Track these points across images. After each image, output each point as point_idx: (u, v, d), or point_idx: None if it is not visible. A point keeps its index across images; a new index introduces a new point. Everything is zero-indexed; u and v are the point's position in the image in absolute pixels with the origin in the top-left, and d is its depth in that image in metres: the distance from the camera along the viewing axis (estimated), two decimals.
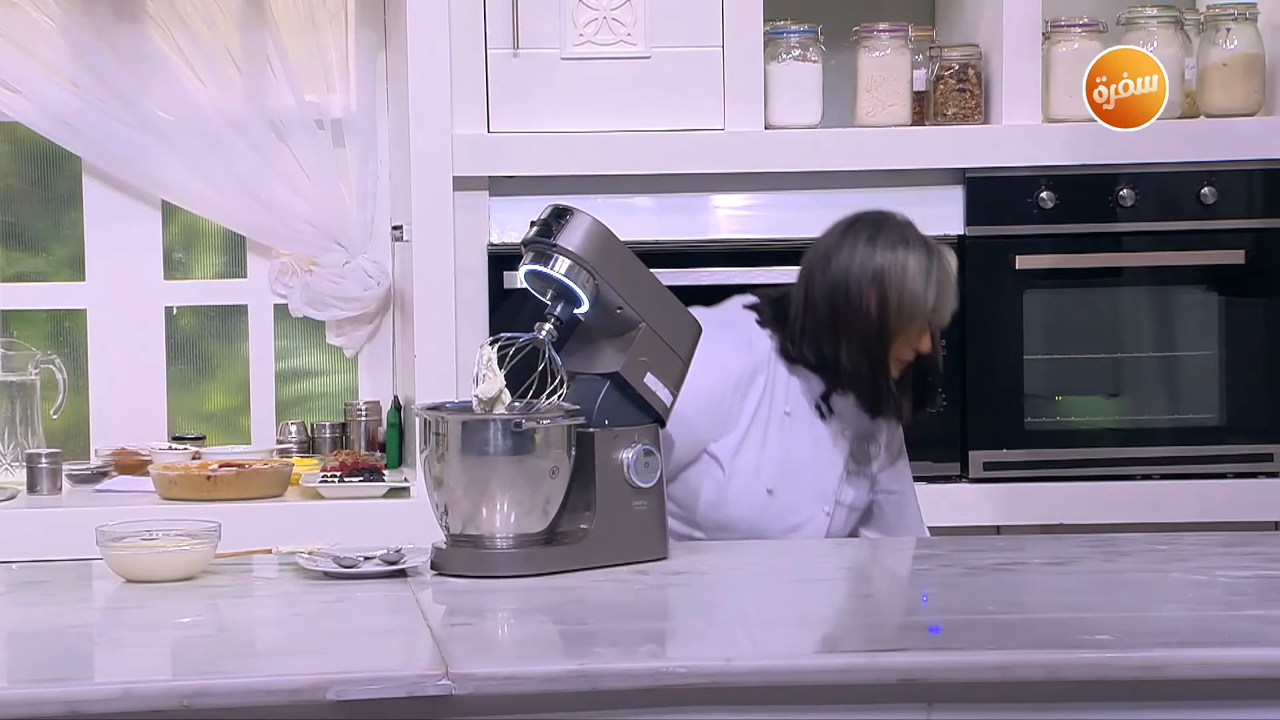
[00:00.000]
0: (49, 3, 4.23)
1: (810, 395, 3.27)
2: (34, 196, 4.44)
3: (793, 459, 3.24)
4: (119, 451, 4.28)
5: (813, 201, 4.08)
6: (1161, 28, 4.15)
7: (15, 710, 2.22)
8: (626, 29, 4.02)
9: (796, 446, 3.25)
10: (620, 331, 3.04)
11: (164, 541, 2.91)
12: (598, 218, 3.03)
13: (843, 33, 4.16)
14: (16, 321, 4.42)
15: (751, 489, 3.23)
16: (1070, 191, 4.11)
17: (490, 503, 2.91)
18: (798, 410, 3.26)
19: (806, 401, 3.27)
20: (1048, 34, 4.14)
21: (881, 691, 2.36)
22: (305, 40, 4.30)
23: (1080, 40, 4.13)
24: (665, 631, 2.67)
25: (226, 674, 2.39)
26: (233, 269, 4.51)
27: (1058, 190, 4.10)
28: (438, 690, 2.28)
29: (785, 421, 3.25)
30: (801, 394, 3.27)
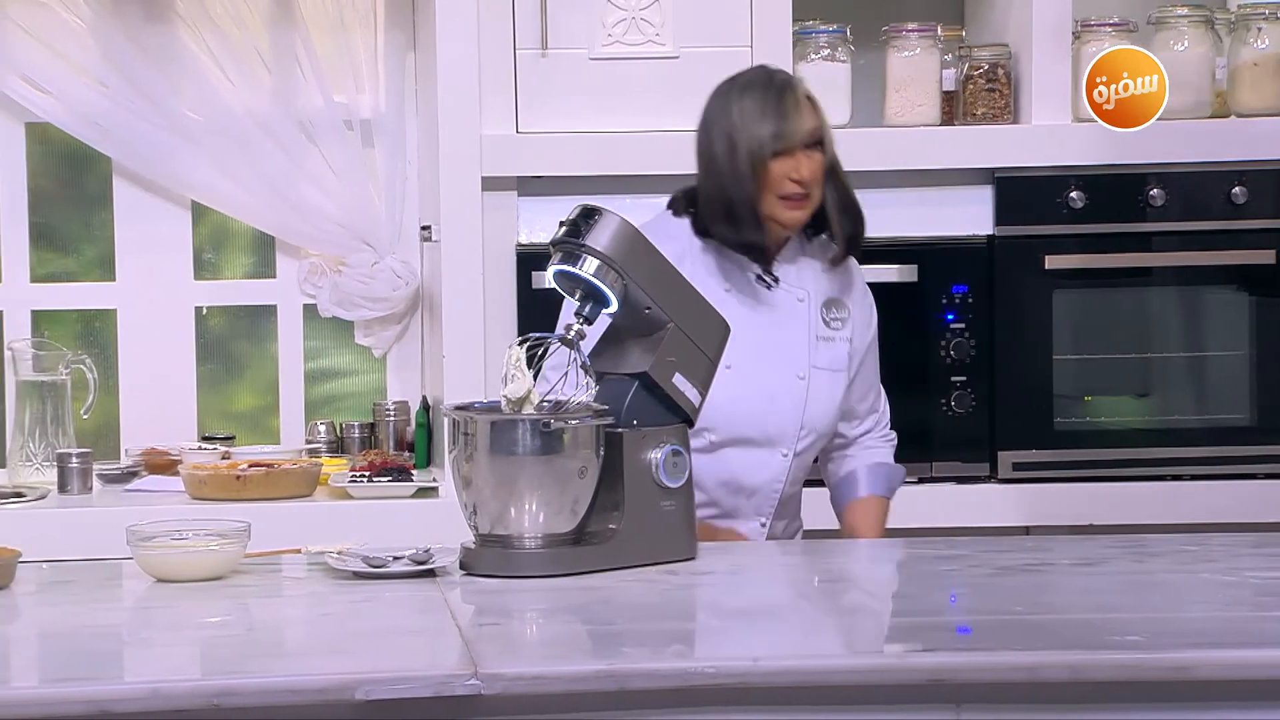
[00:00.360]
0: (79, 4, 4.25)
1: (747, 268, 3.26)
2: (65, 197, 4.46)
3: (747, 333, 3.21)
4: (149, 451, 4.29)
5: None
6: (1192, 27, 4.13)
7: (44, 709, 2.23)
8: (655, 29, 4.02)
9: (749, 320, 3.23)
10: (648, 331, 3.04)
11: (194, 541, 2.92)
12: (626, 218, 3.03)
13: (871, 33, 4.15)
14: (47, 322, 4.44)
15: None
16: (1100, 191, 4.10)
17: (519, 503, 2.91)
18: (739, 285, 3.25)
19: (747, 276, 3.26)
20: (1078, 33, 4.13)
21: (910, 692, 2.36)
22: (334, 40, 4.31)
23: (1110, 40, 4.11)
24: (693, 631, 2.67)
25: (255, 674, 2.39)
26: (262, 269, 4.52)
27: (1087, 190, 4.09)
28: (466, 690, 2.28)
29: (728, 298, 3.23)
30: (738, 270, 3.26)
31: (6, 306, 4.39)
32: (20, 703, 2.24)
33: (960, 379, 4.07)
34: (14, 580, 2.85)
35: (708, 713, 2.36)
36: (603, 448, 2.95)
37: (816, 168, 3.20)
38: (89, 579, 3.01)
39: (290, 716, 2.27)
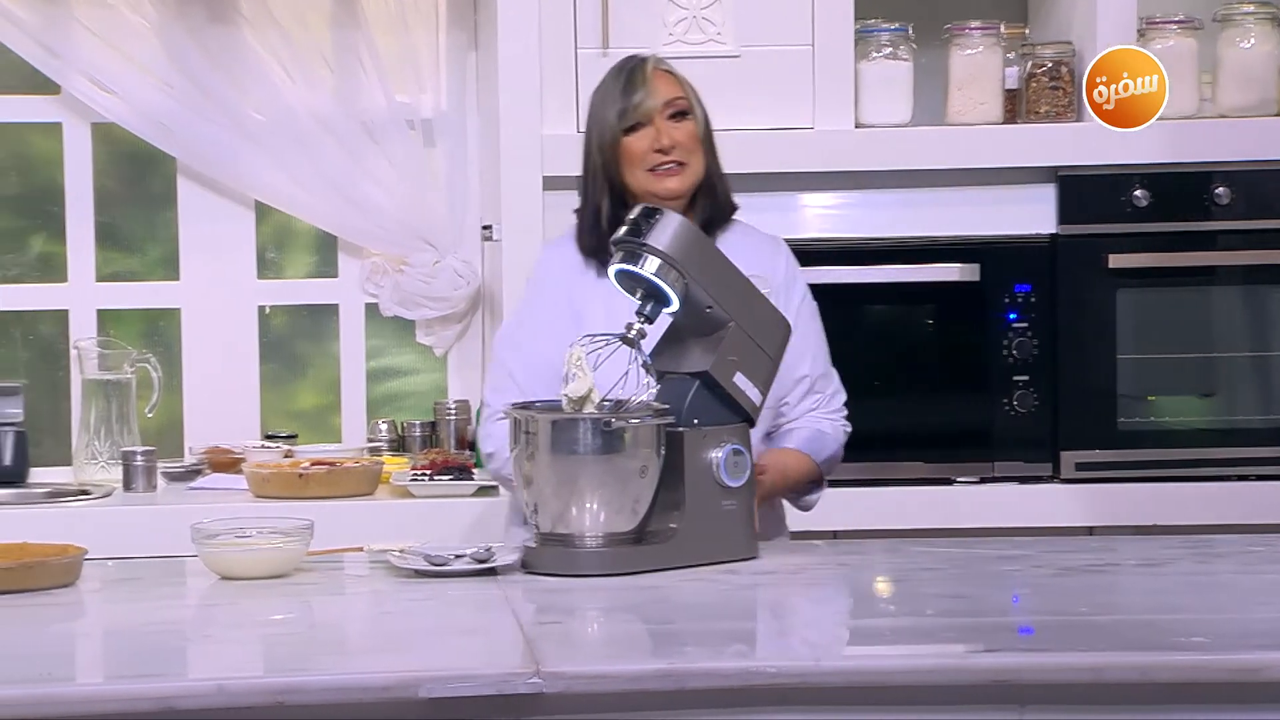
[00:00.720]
0: (144, 5, 4.28)
1: None
2: (129, 197, 4.49)
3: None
4: (212, 449, 4.32)
5: (903, 200, 4.06)
6: (1259, 24, 4.10)
7: (111, 706, 2.24)
8: (716, 28, 4.01)
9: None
10: (709, 331, 3.03)
11: (257, 539, 2.93)
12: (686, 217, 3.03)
13: (934, 31, 4.14)
14: (112, 321, 4.47)
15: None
16: (1164, 189, 4.07)
17: (580, 502, 2.91)
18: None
19: None
20: (1142, 30, 4.10)
21: (974, 692, 2.35)
22: (396, 40, 4.32)
23: (1176, 37, 4.09)
24: (754, 631, 2.66)
25: (318, 671, 2.40)
26: (324, 269, 4.54)
27: (1152, 188, 4.06)
28: (528, 688, 2.28)
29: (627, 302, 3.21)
30: None
31: (72, 306, 4.43)
32: (87, 699, 2.26)
33: (1023, 378, 4.05)
34: (80, 577, 2.88)
35: (769, 713, 2.35)
36: (663, 447, 2.95)
37: (683, 135, 3.21)
38: (153, 576, 3.03)
39: (354, 714, 2.28)
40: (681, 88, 3.25)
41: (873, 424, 4.05)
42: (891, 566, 3.08)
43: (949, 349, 4.10)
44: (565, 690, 2.29)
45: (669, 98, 3.22)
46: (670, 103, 3.22)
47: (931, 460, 4.05)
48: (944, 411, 4.07)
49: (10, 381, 4.30)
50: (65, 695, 2.26)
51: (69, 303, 4.43)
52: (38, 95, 4.37)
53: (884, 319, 4.14)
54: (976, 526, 3.90)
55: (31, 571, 2.80)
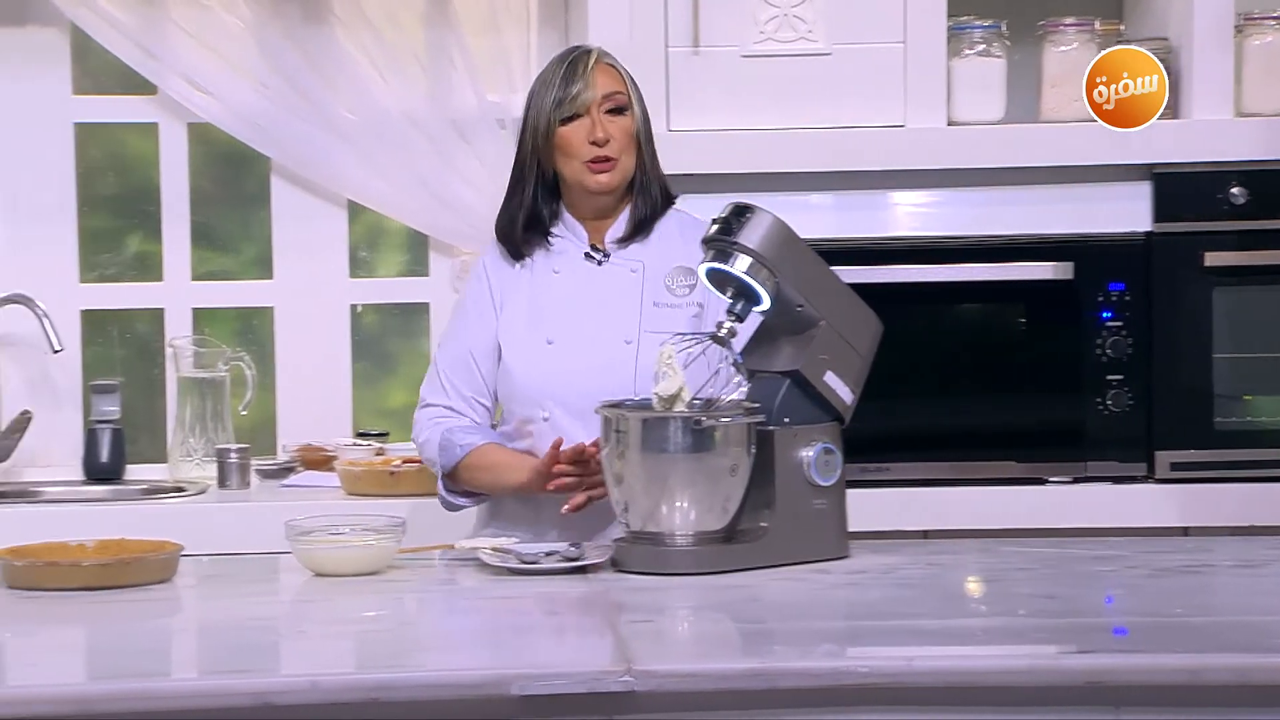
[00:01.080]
0: (239, 5, 4.31)
1: (575, 247, 3.27)
2: (224, 196, 4.53)
3: (572, 308, 3.23)
4: (305, 447, 4.35)
5: (995, 198, 4.03)
6: None
7: (206, 701, 2.27)
8: (808, 25, 4.00)
9: (576, 297, 3.24)
10: (800, 329, 3.03)
11: (350, 536, 2.96)
12: (778, 216, 3.02)
13: (1027, 27, 4.10)
14: (207, 319, 4.51)
15: (529, 345, 3.23)
16: (1262, 187, 4.01)
17: (670, 500, 2.92)
18: (568, 265, 3.26)
19: (576, 255, 3.27)
20: (1240, 26, 4.05)
21: (1068, 694, 2.33)
22: (487, 40, 4.34)
23: (1274, 33, 4.03)
24: (845, 631, 2.65)
25: (411, 668, 2.42)
26: (415, 267, 4.56)
27: (1249, 185, 4.01)
28: (619, 686, 2.29)
29: (556, 280, 3.26)
30: (569, 251, 3.27)
31: (168, 304, 4.47)
32: (184, 694, 2.28)
33: (1117, 378, 4.02)
34: (176, 574, 2.91)
35: (861, 712, 2.35)
36: (754, 446, 2.94)
37: (617, 130, 3.22)
38: (248, 572, 3.06)
39: (446, 711, 2.29)
40: (622, 83, 3.26)
41: (964, 423, 4.05)
42: (984, 566, 3.07)
43: (1041, 348, 4.07)
44: (656, 689, 2.29)
45: (608, 91, 3.23)
46: (609, 96, 3.23)
47: (1024, 460, 4.02)
48: (1036, 411, 4.04)
49: (107, 379, 4.35)
50: (162, 690, 2.29)
51: (165, 301, 4.48)
52: (135, 96, 4.41)
53: (976, 318, 4.11)
54: (1069, 527, 3.86)
55: (129, 568, 2.84)
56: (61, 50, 4.38)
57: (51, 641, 2.61)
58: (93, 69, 4.42)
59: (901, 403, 3.92)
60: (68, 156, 4.41)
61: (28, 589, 2.81)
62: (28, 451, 4.34)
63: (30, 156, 4.39)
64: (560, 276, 3.27)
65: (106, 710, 2.25)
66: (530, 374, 3.21)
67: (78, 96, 4.41)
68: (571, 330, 3.23)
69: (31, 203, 4.39)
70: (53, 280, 4.40)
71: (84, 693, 2.28)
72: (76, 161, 4.43)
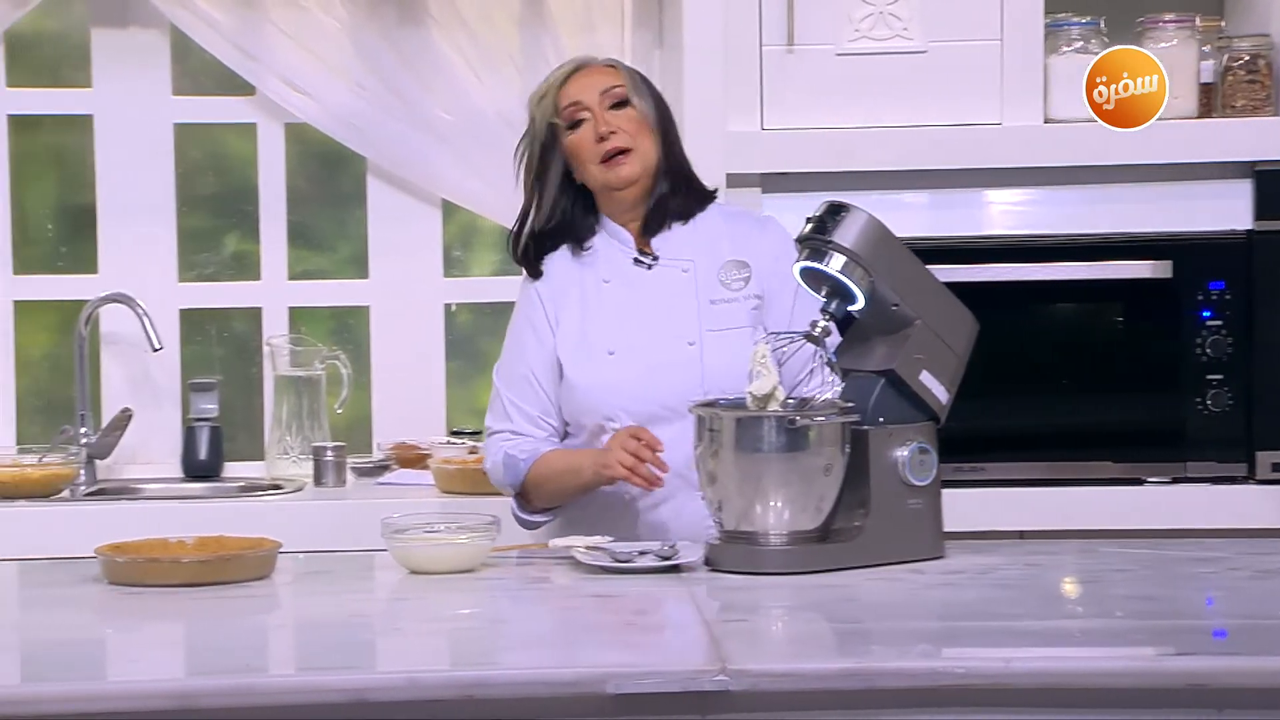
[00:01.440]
0: (336, 6, 4.34)
1: (622, 255, 3.24)
2: (320, 196, 4.56)
3: (628, 316, 3.20)
4: (399, 445, 4.37)
5: (1093, 197, 4.00)
6: None
7: (304, 696, 2.28)
8: (903, 23, 3.98)
9: (631, 304, 3.21)
10: (895, 328, 3.01)
11: (445, 534, 2.97)
12: (873, 214, 3.01)
13: (1126, 24, 4.06)
14: (303, 318, 4.55)
15: (590, 358, 3.19)
16: None
17: (764, 499, 2.91)
18: (617, 273, 3.24)
19: (624, 262, 3.24)
20: None
21: (1165, 696, 2.31)
22: (582, 40, 4.34)
23: None
24: (941, 631, 2.64)
25: (506, 666, 2.43)
26: (509, 267, 4.55)
27: None
28: (714, 686, 2.28)
29: (606, 289, 3.23)
30: (614, 259, 3.25)
31: (265, 303, 4.51)
32: (282, 690, 2.30)
33: (1216, 377, 3.97)
34: (274, 570, 2.93)
35: (957, 713, 2.33)
36: (848, 445, 2.93)
37: (625, 121, 3.20)
38: (344, 570, 3.08)
39: (541, 709, 2.30)
40: (619, 77, 3.24)
41: (1061, 423, 4.01)
42: (1081, 567, 3.04)
43: (1139, 347, 4.03)
44: (751, 688, 2.29)
45: (604, 87, 3.22)
46: (606, 92, 3.21)
47: (1121, 460, 3.98)
48: (1134, 411, 4.00)
49: (206, 378, 4.39)
50: (260, 686, 2.31)
51: (262, 300, 4.51)
52: (233, 96, 4.45)
53: (1073, 317, 4.08)
54: (1168, 528, 3.83)
55: (229, 565, 2.86)
56: (162, 51, 4.43)
57: (152, 637, 2.64)
58: (192, 70, 4.46)
59: (998, 402, 3.89)
60: (167, 157, 4.46)
61: (129, 585, 2.84)
62: (128, 449, 4.39)
63: (131, 157, 4.44)
64: (611, 285, 3.25)
65: (205, 705, 2.27)
66: (594, 387, 3.19)
67: (177, 97, 4.46)
68: (631, 338, 3.21)
69: (132, 203, 4.44)
70: (153, 279, 4.44)
71: (183, 688, 2.30)
72: (176, 162, 4.47)
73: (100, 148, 4.44)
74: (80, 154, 4.46)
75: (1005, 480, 3.91)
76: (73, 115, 4.46)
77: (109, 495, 4.24)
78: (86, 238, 4.46)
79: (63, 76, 4.47)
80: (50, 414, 4.46)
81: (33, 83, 4.46)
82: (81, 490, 4.21)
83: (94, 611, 2.77)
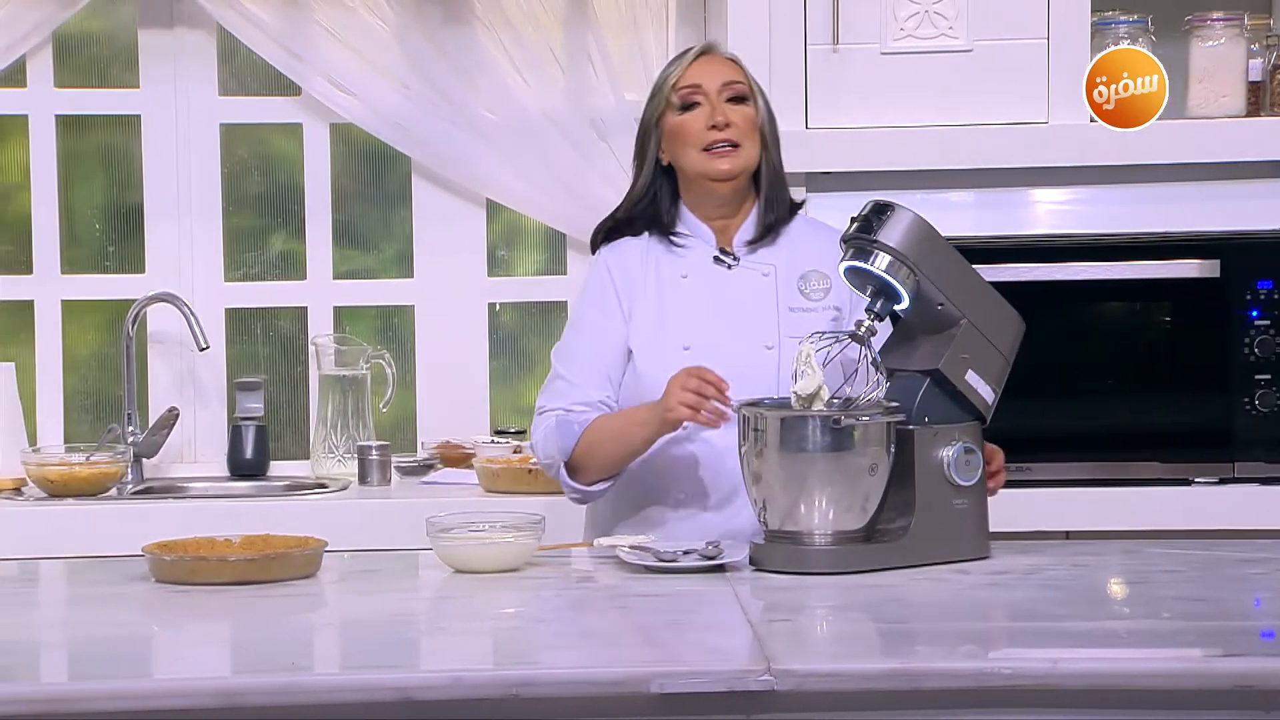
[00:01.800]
0: (382, 6, 4.35)
1: (706, 252, 3.23)
2: (366, 195, 4.57)
3: (707, 313, 3.18)
4: (444, 445, 4.38)
5: (1140, 196, 3.98)
6: None
7: (349, 695, 2.29)
8: (949, 22, 3.97)
9: (709, 301, 3.19)
10: (940, 328, 3.00)
11: (490, 533, 2.97)
12: (919, 214, 3.00)
13: (1173, 22, 4.05)
14: (349, 317, 4.56)
15: (664, 351, 3.16)
16: None
17: (808, 499, 2.91)
18: (696, 269, 3.22)
19: (705, 260, 3.22)
20: None
21: (1215, 698, 2.30)
22: (626, 39, 4.35)
23: None
24: (987, 632, 2.63)
25: (550, 665, 2.43)
26: (553, 266, 4.58)
27: None
28: (759, 685, 2.28)
29: (684, 284, 3.21)
30: (695, 255, 3.23)
31: (311, 302, 4.52)
32: (328, 688, 2.30)
33: (1265, 377, 3.95)
34: (320, 569, 2.94)
35: (1004, 713, 2.32)
36: (893, 445, 2.92)
37: (739, 118, 3.18)
38: (390, 568, 3.09)
39: (586, 708, 2.30)
40: (742, 74, 3.24)
41: (1108, 423, 4.00)
42: (1128, 568, 3.03)
43: (1187, 347, 4.01)
44: (796, 688, 2.28)
45: (728, 79, 3.21)
46: (729, 84, 3.20)
47: (1169, 460, 3.96)
48: (1181, 411, 3.99)
49: (252, 377, 4.41)
50: (306, 685, 2.31)
51: (308, 300, 4.53)
52: (279, 97, 4.47)
53: (1120, 316, 4.06)
54: (1216, 528, 3.81)
55: (275, 563, 2.87)
56: (208, 52, 4.44)
57: (198, 635, 2.65)
58: (239, 70, 4.48)
59: (1044, 402, 3.88)
60: (214, 157, 4.48)
61: (175, 583, 2.86)
62: (174, 447, 4.41)
63: (178, 157, 4.46)
64: (689, 281, 3.23)
65: (251, 704, 2.27)
66: (666, 380, 3.15)
67: (224, 98, 4.48)
68: (707, 336, 3.19)
69: (179, 203, 4.46)
70: (199, 279, 4.47)
71: (229, 686, 2.31)
72: (222, 161, 4.49)
73: (147, 148, 4.46)
74: (127, 154, 4.49)
75: (1051, 480, 3.90)
76: (120, 115, 4.48)
77: (156, 494, 4.26)
78: (134, 237, 4.49)
79: (110, 77, 4.49)
80: (98, 413, 4.49)
81: (81, 83, 4.48)
82: (128, 489, 4.23)
83: (140, 610, 2.78)
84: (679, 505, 3.17)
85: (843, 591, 2.79)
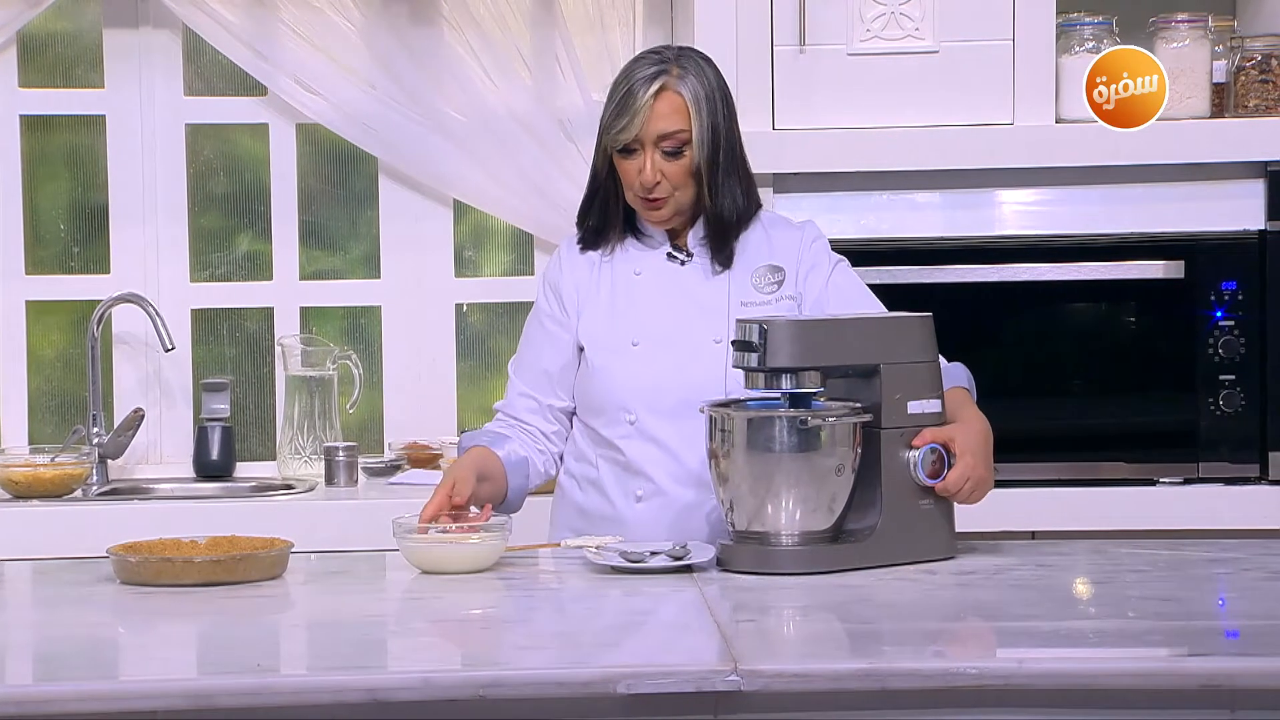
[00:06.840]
0: (349, 7, 4.34)
1: (658, 250, 3.24)
2: (332, 196, 4.56)
3: (657, 310, 3.19)
4: (411, 445, 4.38)
5: (1105, 196, 4.00)
6: None
7: (317, 697, 2.28)
8: (915, 23, 3.98)
9: (660, 298, 3.20)
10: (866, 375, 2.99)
11: (457, 534, 2.97)
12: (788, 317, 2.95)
13: (1138, 24, 4.06)
14: (315, 318, 4.55)
15: (613, 347, 3.19)
16: None
17: (776, 500, 2.91)
18: (650, 267, 3.23)
19: (658, 256, 3.23)
20: None
21: (1181, 697, 2.31)
22: (594, 40, 4.35)
23: None
24: (954, 632, 2.64)
25: (518, 666, 2.43)
26: (521, 267, 4.57)
27: None
28: (727, 686, 2.28)
29: (638, 281, 3.22)
30: (649, 253, 3.24)
31: (277, 303, 4.51)
32: (295, 690, 2.30)
33: (1229, 378, 3.97)
34: (286, 570, 2.93)
35: (971, 713, 2.33)
36: (860, 445, 2.93)
37: (672, 171, 3.14)
38: (357, 570, 3.08)
39: (553, 709, 2.30)
40: (685, 117, 3.14)
41: (1073, 423, 4.01)
42: (1094, 568, 3.04)
43: (1152, 348, 4.03)
44: (764, 688, 2.29)
45: (665, 131, 3.14)
46: (666, 136, 3.14)
47: (1134, 460, 3.98)
48: (1147, 411, 4.00)
49: (218, 378, 4.39)
50: (273, 686, 2.31)
51: (274, 300, 4.52)
52: (245, 97, 4.46)
53: (1085, 317, 4.07)
54: (1181, 528, 3.82)
55: (241, 564, 2.86)
56: (174, 52, 4.43)
57: (164, 637, 2.64)
58: (204, 70, 4.47)
59: (1010, 402, 3.88)
60: (179, 157, 4.47)
61: (141, 585, 2.85)
62: (140, 449, 4.40)
63: (143, 157, 4.44)
64: (642, 278, 3.24)
65: (218, 705, 2.27)
66: (616, 376, 3.18)
67: (189, 98, 4.46)
68: (657, 331, 3.20)
69: (144, 203, 4.44)
70: (165, 279, 4.45)
71: (196, 688, 2.31)
72: (188, 162, 4.48)
73: (113, 148, 4.44)
74: (93, 154, 4.47)
75: (1017, 481, 3.91)
76: (85, 116, 4.46)
77: (121, 495, 4.24)
78: (99, 238, 4.47)
79: (75, 77, 4.47)
80: (63, 414, 4.47)
81: (45, 83, 4.46)
82: (94, 490, 4.21)
83: (107, 611, 2.77)
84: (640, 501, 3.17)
85: (810, 592, 2.79)
